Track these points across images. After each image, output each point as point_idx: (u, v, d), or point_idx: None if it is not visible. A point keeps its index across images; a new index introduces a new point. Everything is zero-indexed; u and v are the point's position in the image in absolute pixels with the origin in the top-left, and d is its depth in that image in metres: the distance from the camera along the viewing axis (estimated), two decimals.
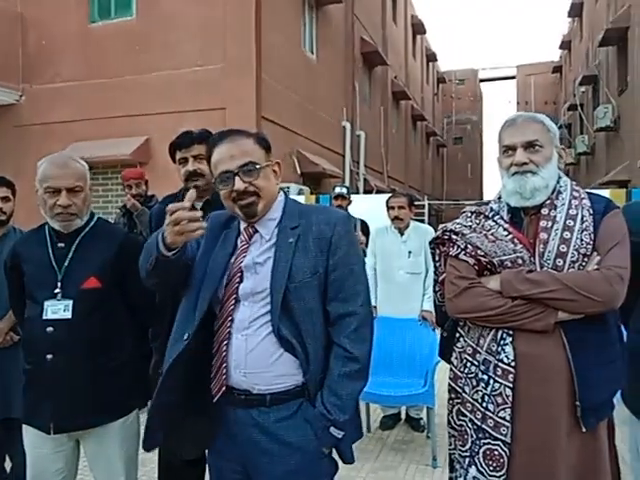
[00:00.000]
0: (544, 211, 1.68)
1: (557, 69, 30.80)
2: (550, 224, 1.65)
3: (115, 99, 9.27)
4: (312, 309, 1.54)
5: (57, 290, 1.92)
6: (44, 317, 1.92)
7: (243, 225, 1.64)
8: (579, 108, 21.26)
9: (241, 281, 1.57)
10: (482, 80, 37.99)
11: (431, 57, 27.88)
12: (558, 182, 1.72)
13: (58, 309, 1.91)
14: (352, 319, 1.54)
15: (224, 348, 1.55)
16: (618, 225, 1.65)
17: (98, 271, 1.96)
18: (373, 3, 16.74)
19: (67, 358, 1.90)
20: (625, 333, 2.05)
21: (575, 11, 23.47)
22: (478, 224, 1.74)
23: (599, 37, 15.89)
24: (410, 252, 4.18)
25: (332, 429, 1.52)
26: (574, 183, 1.76)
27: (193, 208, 1.48)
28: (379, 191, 13.68)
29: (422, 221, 10.73)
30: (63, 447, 2.00)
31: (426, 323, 4.08)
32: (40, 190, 1.95)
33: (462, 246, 1.71)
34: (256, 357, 1.53)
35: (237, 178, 1.54)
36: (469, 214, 1.80)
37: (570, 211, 1.65)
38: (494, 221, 1.72)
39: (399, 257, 4.20)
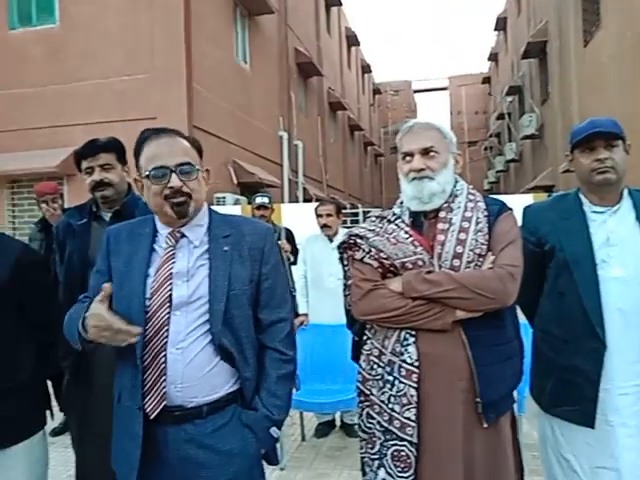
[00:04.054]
0: (442, 214, 1.73)
1: (486, 80, 32.15)
2: (447, 226, 1.70)
3: (38, 109, 8.91)
4: (248, 316, 1.57)
5: None
6: None
7: (166, 230, 1.59)
8: (507, 117, 22.25)
9: (171, 289, 1.51)
10: (416, 91, 39.13)
11: (366, 68, 28.46)
12: (455, 186, 1.78)
13: None
14: (284, 325, 1.62)
15: (162, 360, 1.48)
16: (510, 226, 1.72)
17: None
18: (306, 14, 16.92)
19: None
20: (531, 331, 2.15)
21: (500, 25, 24.64)
22: (381, 228, 1.78)
23: (522, 50, 16.72)
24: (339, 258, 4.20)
25: (273, 429, 1.55)
26: (470, 187, 1.82)
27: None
28: (319, 200, 13.76)
29: None
30: None
31: None
32: None
33: (366, 250, 1.74)
34: (193, 370, 1.49)
35: (174, 175, 1.51)
36: (373, 219, 1.84)
37: (465, 214, 1.71)
38: (396, 225, 1.76)
39: (329, 264, 4.22)
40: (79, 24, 8.96)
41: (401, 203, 1.82)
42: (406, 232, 1.73)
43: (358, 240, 1.77)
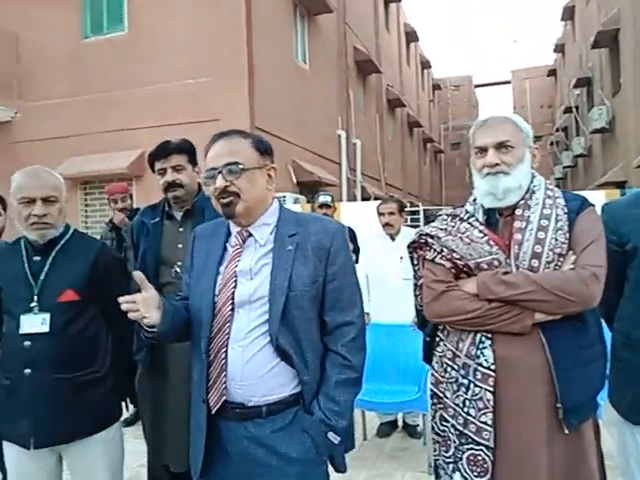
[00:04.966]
0: (518, 212, 1.66)
1: (552, 72, 30.91)
2: (524, 225, 1.63)
3: (109, 113, 9.31)
4: (310, 318, 1.54)
5: (33, 304, 1.91)
6: (21, 331, 1.90)
7: (236, 229, 1.62)
8: (574, 110, 21.32)
9: (236, 287, 1.54)
10: (477, 86, 38.18)
11: (425, 64, 28.02)
12: (532, 182, 1.70)
13: (35, 323, 1.89)
14: (350, 328, 1.56)
15: (222, 357, 1.52)
16: (593, 223, 1.63)
17: (75, 284, 1.95)
18: (365, 12, 16.83)
19: (45, 372, 1.89)
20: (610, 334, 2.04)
21: (568, 15, 23.61)
22: (453, 227, 1.72)
23: (591, 40, 15.96)
24: (402, 257, 4.15)
25: (330, 434, 1.51)
26: (548, 182, 1.74)
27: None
28: (377, 198, 13.68)
29: (418, 227, 10.68)
30: (45, 462, 1.97)
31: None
32: (15, 202, 1.95)
33: (438, 249, 1.69)
34: (252, 368, 1.50)
35: (219, 176, 1.53)
36: (445, 217, 1.79)
37: (544, 211, 1.63)
38: (469, 223, 1.70)
39: (391, 263, 4.19)
40: (146, 30, 9.30)
41: (474, 200, 1.76)
42: (480, 231, 1.67)
43: (429, 240, 1.73)
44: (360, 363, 1.56)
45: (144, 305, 1.45)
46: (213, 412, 1.52)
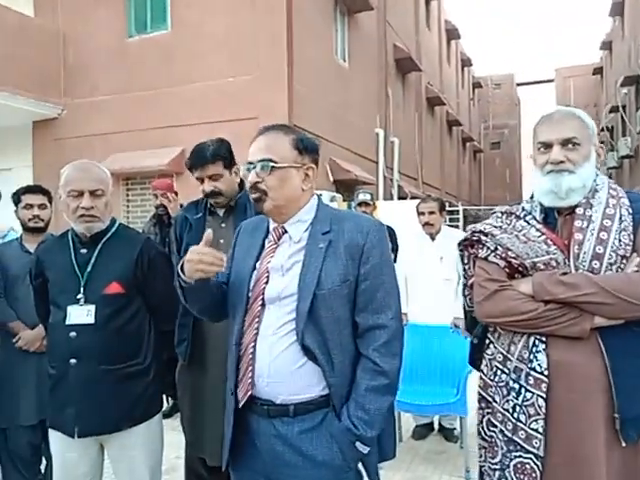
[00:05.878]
0: (579, 210, 1.57)
1: (598, 70, 30.00)
2: (586, 224, 1.55)
3: (152, 111, 9.47)
4: (340, 318, 1.48)
5: (80, 295, 1.95)
6: (67, 322, 1.94)
7: (273, 225, 1.61)
8: (621, 110, 20.63)
9: (267, 283, 1.53)
10: (519, 84, 37.38)
11: (466, 62, 27.58)
12: (595, 180, 1.62)
13: (81, 314, 1.93)
14: (382, 332, 1.48)
15: (250, 351, 1.50)
16: None
17: (120, 276, 1.97)
18: (406, 9, 16.66)
19: (90, 362, 1.92)
20: None
21: (616, 10, 22.84)
22: (509, 224, 1.65)
23: None
24: (442, 258, 4.08)
25: (358, 444, 1.45)
26: (611, 181, 1.66)
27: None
28: (414, 197, 13.53)
29: (457, 227, 10.53)
30: (88, 451, 2.01)
31: (458, 330, 3.95)
32: (63, 195, 1.98)
33: (492, 247, 1.62)
34: (279, 365, 1.48)
35: (253, 171, 1.53)
36: (499, 214, 1.71)
37: (607, 210, 1.55)
38: (526, 221, 1.63)
39: (430, 263, 4.12)
40: (188, 29, 9.41)
41: (531, 198, 1.69)
42: (537, 229, 1.59)
43: (482, 237, 1.66)
44: (393, 369, 1.48)
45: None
46: (240, 406, 1.52)
